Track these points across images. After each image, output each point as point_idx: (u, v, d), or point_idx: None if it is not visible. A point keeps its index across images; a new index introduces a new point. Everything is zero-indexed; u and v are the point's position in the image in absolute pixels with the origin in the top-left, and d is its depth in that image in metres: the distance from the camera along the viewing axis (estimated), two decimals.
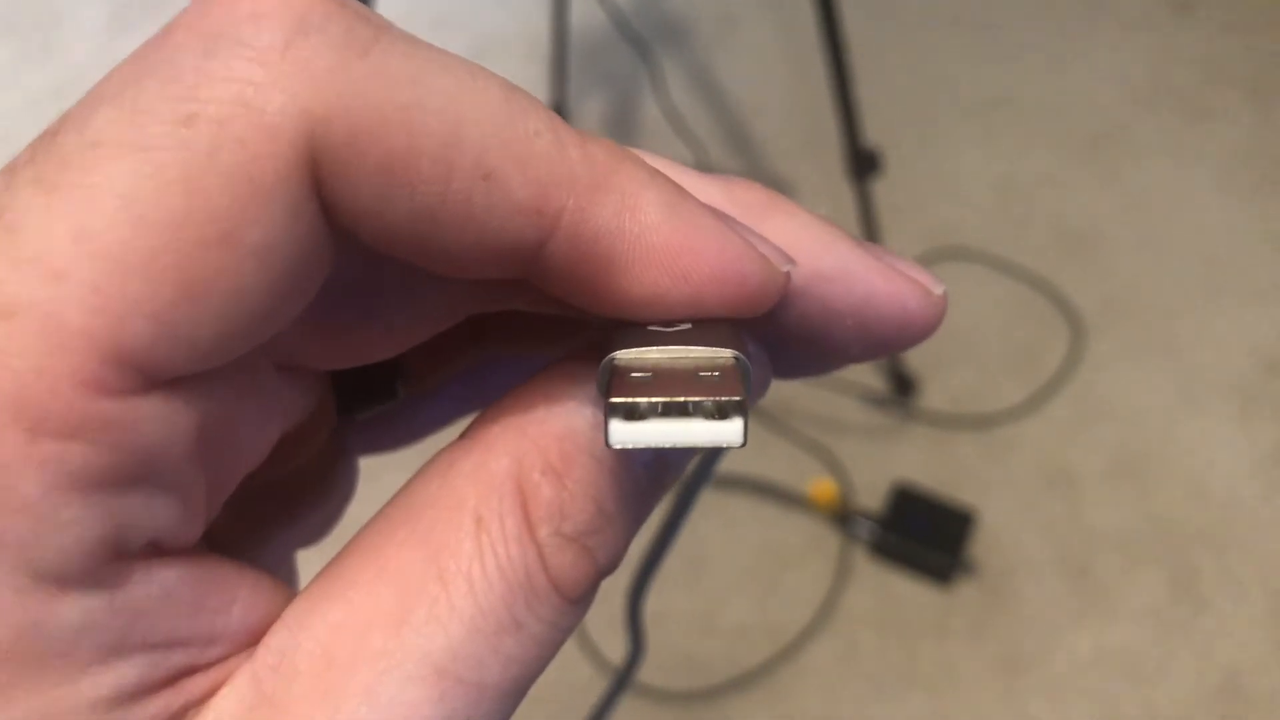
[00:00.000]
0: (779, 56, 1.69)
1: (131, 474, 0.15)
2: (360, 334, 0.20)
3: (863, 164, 1.15)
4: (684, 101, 1.60)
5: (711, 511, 1.20)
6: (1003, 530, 1.17)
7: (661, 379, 0.16)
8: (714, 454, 0.25)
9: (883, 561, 1.17)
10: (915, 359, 1.28)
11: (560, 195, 0.16)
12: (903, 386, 1.27)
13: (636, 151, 0.19)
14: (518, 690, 0.17)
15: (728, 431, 0.16)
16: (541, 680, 0.17)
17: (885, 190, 1.21)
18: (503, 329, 0.25)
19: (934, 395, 1.29)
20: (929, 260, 1.39)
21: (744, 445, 0.16)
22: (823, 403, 1.27)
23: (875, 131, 1.18)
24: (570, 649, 1.11)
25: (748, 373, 0.17)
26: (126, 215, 0.14)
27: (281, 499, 0.25)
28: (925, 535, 1.15)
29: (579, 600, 0.17)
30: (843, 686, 1.10)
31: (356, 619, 0.16)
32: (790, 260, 0.19)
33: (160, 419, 0.15)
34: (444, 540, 0.17)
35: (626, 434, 0.16)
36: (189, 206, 0.14)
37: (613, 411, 0.16)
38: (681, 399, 0.16)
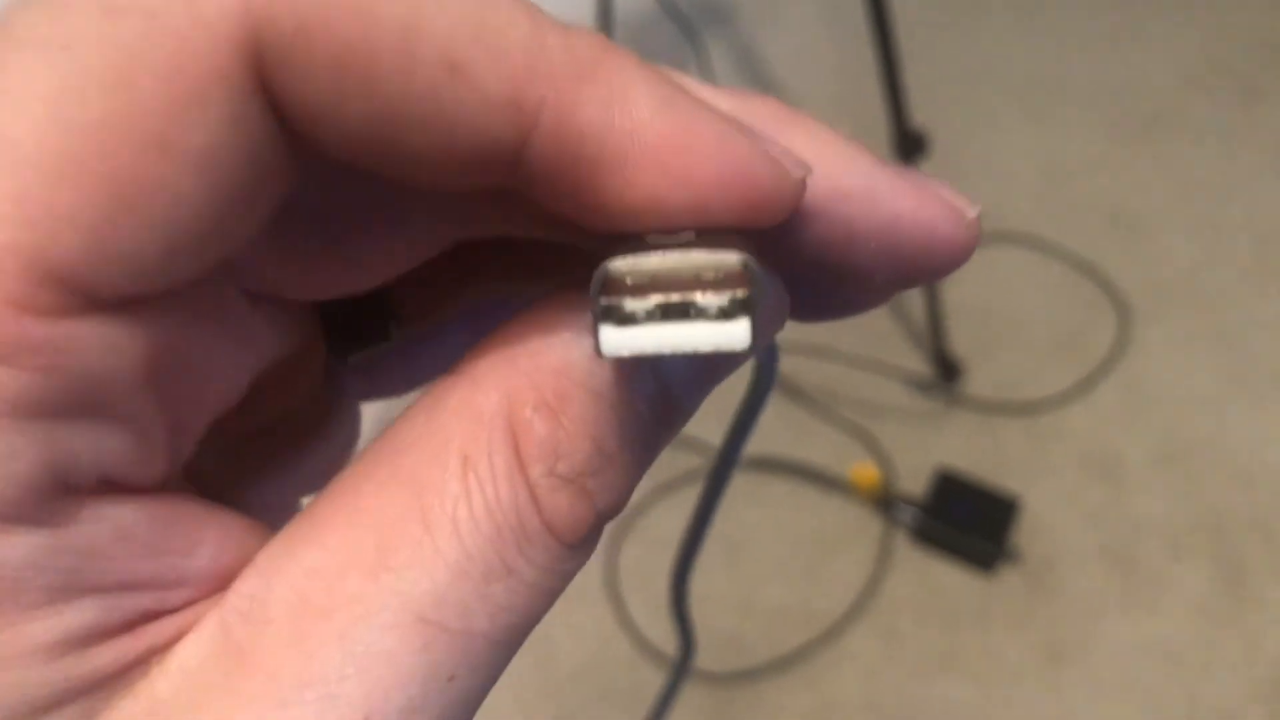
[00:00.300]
0: (825, 35, 1.67)
1: (73, 403, 0.13)
2: (336, 260, 0.19)
3: (909, 145, 1.13)
4: (729, 81, 1.58)
5: (751, 495, 1.19)
6: (1047, 518, 1.16)
7: (660, 284, 0.15)
8: (740, 432, 0.24)
9: (925, 548, 1.16)
10: (960, 344, 1.27)
11: (539, 87, 0.15)
12: (947, 371, 1.26)
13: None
14: (510, 641, 0.16)
15: (731, 333, 0.14)
16: (581, 658, 0.16)
17: (932, 172, 1.17)
18: (499, 264, 0.23)
19: (979, 380, 1.27)
20: None
21: (749, 349, 0.14)
22: (865, 386, 1.26)
23: (922, 112, 1.17)
24: (609, 626, 1.11)
25: (756, 275, 0.15)
26: (50, 119, 0.13)
27: (275, 443, 0.23)
28: (968, 522, 1.14)
29: (577, 545, 0.16)
30: (883, 672, 1.09)
31: (333, 563, 0.15)
32: (805, 166, 0.17)
33: (103, 343, 0.13)
34: (428, 480, 0.15)
35: (619, 340, 0.14)
36: (119, 108, 0.13)
37: (604, 316, 0.14)
38: (678, 297, 0.14)
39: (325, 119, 0.14)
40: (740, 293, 0.14)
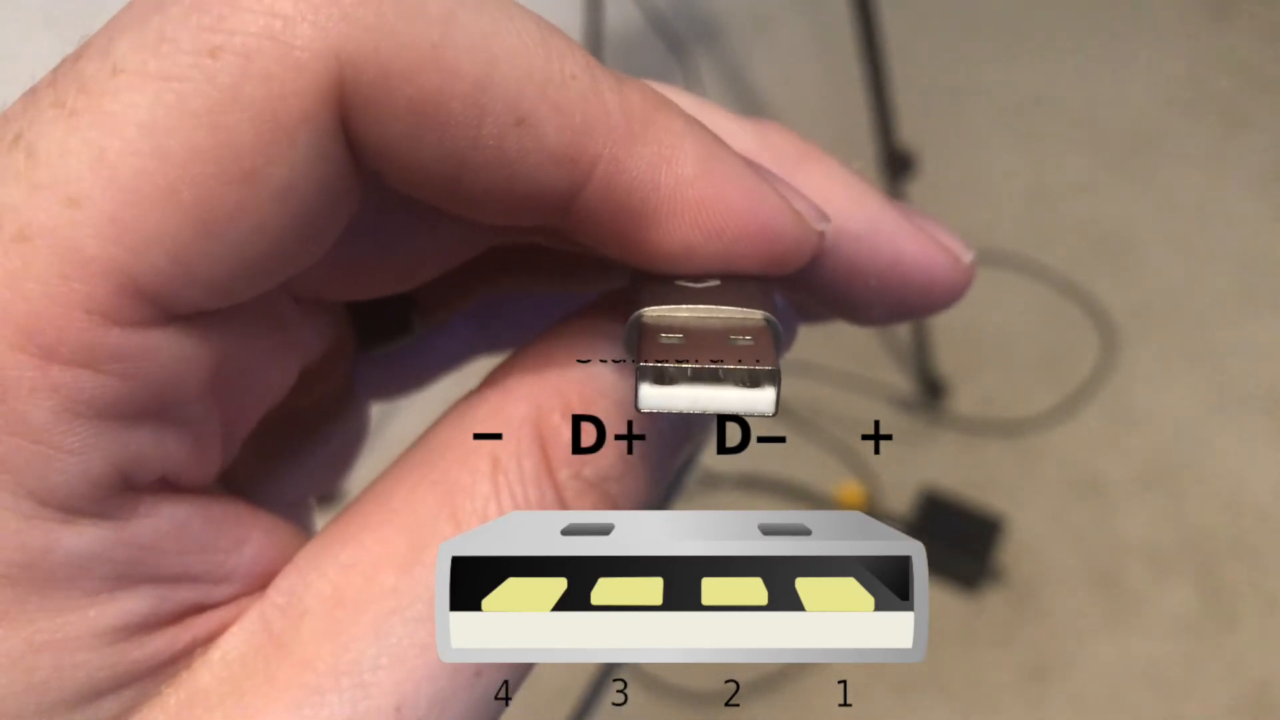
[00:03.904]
0: (813, 56, 1.68)
1: (143, 407, 0.14)
2: (381, 266, 0.20)
3: (896, 165, 1.14)
4: (718, 100, 1.57)
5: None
6: (1031, 538, 1.16)
7: (692, 341, 0.16)
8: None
9: None
10: (946, 363, 1.27)
11: (595, 144, 0.16)
12: (932, 390, 1.26)
13: (671, 91, 0.18)
14: None
15: (759, 400, 0.16)
16: (564, 679, 0.16)
17: (918, 192, 1.20)
18: (521, 262, 0.24)
19: (964, 400, 1.28)
20: None
21: (775, 415, 0.15)
22: (851, 405, 1.27)
23: (909, 133, 1.17)
24: None
25: (779, 336, 0.16)
26: (147, 145, 0.13)
27: (293, 435, 0.24)
28: (953, 541, 1.14)
29: None
30: (867, 692, 1.09)
31: (367, 559, 0.16)
32: (825, 217, 0.18)
33: (175, 353, 0.15)
34: (459, 482, 0.16)
35: (657, 398, 0.16)
36: (212, 141, 0.14)
37: (642, 375, 0.16)
38: (713, 365, 0.16)
39: (398, 159, 0.15)
40: (769, 365, 0.16)
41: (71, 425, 0.14)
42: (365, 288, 0.20)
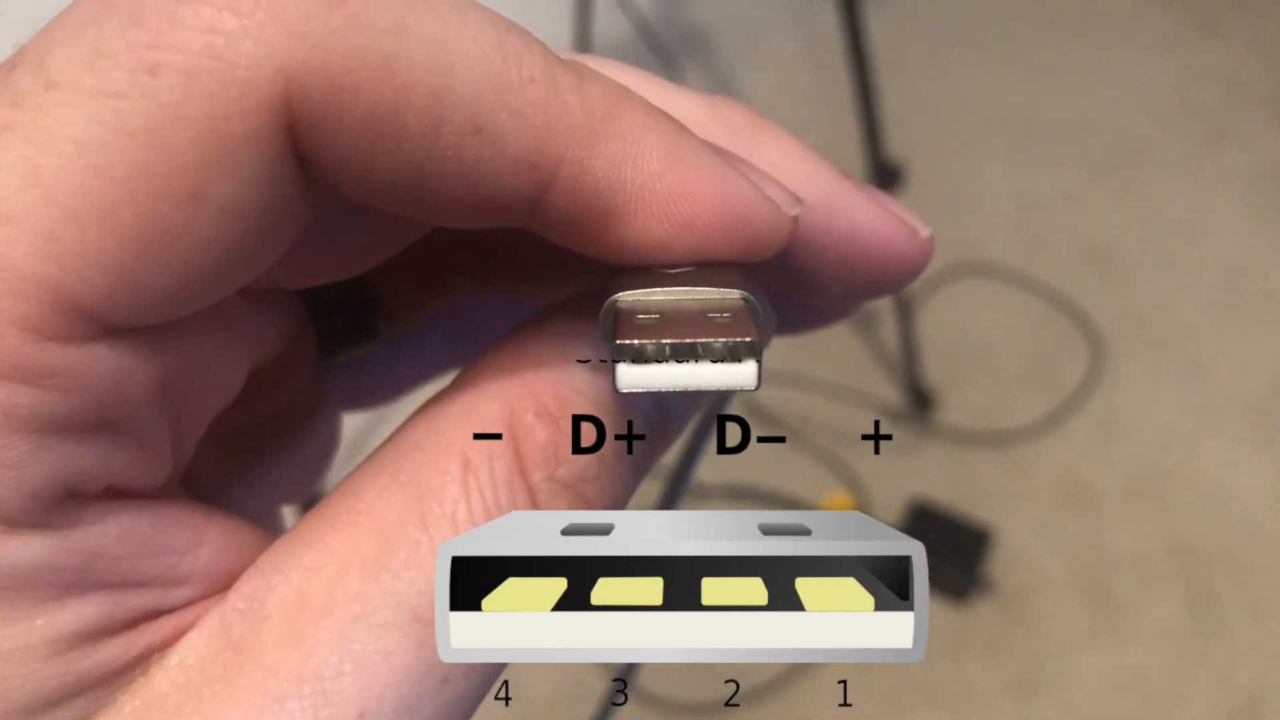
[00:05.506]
0: (803, 67, 1.69)
1: (84, 420, 0.14)
2: (329, 251, 0.19)
3: (884, 177, 1.14)
4: None
5: None
6: (1020, 549, 1.17)
7: (669, 321, 0.16)
8: (700, 439, 0.24)
9: None
10: (934, 374, 1.28)
11: (558, 147, 0.15)
12: (921, 401, 1.27)
13: (612, 67, 0.18)
14: None
15: (740, 374, 0.15)
16: (551, 688, 0.16)
17: (906, 203, 1.20)
18: (482, 263, 0.23)
19: (952, 411, 1.28)
20: (949, 275, 1.38)
21: (757, 388, 0.15)
22: (840, 416, 1.27)
23: (897, 145, 1.18)
24: None
25: (758, 312, 0.16)
26: (84, 163, 0.13)
27: (261, 445, 0.24)
28: (942, 552, 1.14)
29: None
30: (858, 702, 1.09)
31: (332, 562, 0.15)
32: (798, 201, 0.18)
33: (116, 366, 0.14)
34: (428, 483, 0.16)
35: (635, 377, 0.15)
36: (152, 160, 0.13)
37: (620, 354, 0.15)
38: (690, 340, 0.15)
39: (352, 173, 0.15)
40: (748, 337, 0.15)
41: (10, 440, 0.13)
42: (313, 275, 0.20)
